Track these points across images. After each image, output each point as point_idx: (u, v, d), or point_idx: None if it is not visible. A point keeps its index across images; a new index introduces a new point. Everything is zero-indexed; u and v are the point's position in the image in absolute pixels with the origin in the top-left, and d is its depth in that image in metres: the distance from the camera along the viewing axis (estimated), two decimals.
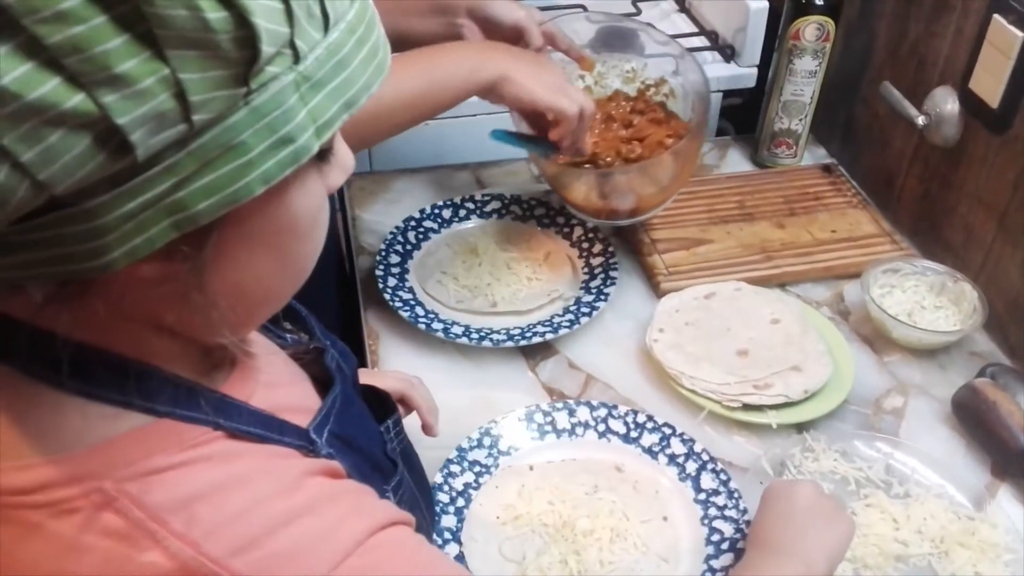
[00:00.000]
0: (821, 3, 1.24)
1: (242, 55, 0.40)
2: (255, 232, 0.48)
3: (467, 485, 0.92)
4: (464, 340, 1.07)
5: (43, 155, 0.38)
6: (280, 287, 0.53)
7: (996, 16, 1.04)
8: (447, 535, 0.87)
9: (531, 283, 1.17)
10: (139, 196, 0.41)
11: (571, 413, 0.99)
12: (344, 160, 0.53)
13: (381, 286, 1.13)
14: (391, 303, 1.11)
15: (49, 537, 0.46)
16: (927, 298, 1.12)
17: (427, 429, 0.92)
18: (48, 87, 0.37)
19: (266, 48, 0.41)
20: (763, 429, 1.00)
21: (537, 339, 1.07)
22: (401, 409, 0.90)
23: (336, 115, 0.46)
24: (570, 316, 1.11)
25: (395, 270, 1.17)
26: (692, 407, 1.01)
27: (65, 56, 0.36)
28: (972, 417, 0.99)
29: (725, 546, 0.87)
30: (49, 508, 0.46)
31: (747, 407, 1.00)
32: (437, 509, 0.89)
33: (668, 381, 1.03)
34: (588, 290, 1.15)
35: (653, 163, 1.09)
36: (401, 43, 1.13)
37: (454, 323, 1.10)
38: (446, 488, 0.91)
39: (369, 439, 0.67)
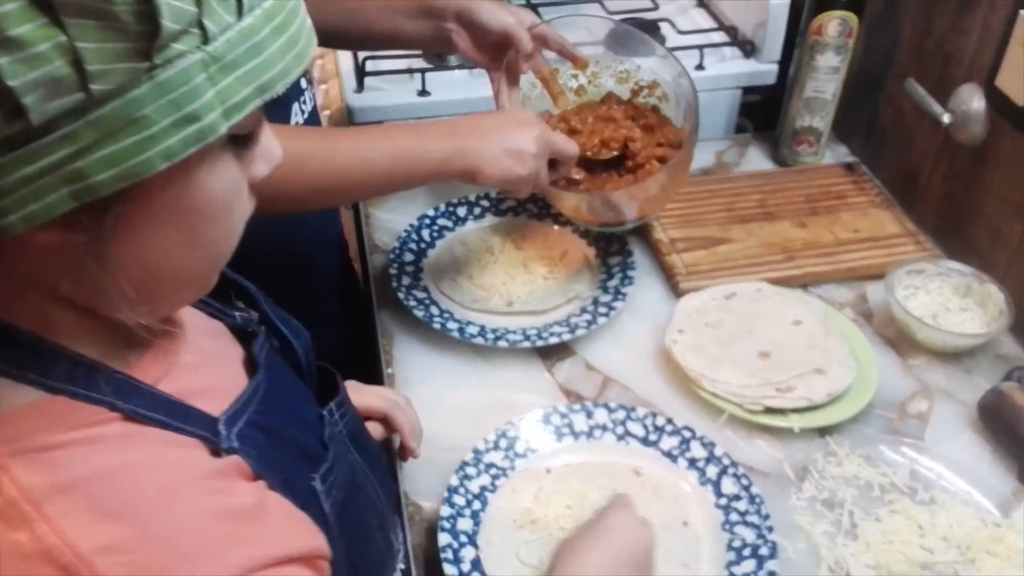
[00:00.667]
0: None
1: (143, 29, 0.41)
2: (161, 209, 0.48)
3: (483, 488, 0.91)
4: (480, 340, 1.05)
5: None
6: (193, 269, 0.53)
7: (1023, 13, 1.01)
8: (463, 538, 0.86)
9: (547, 282, 1.15)
10: (36, 162, 0.42)
11: (589, 415, 0.97)
12: (270, 152, 0.54)
13: (395, 285, 1.12)
14: (405, 302, 1.09)
15: None
16: (952, 300, 1.10)
17: (407, 452, 0.91)
18: None
19: (168, 24, 0.42)
20: (785, 433, 0.98)
21: (554, 339, 1.05)
22: (384, 429, 0.90)
23: (248, 98, 0.46)
24: (587, 316, 1.09)
25: (409, 268, 1.16)
26: (712, 410, 1.00)
27: None
28: (999, 422, 0.97)
29: (747, 552, 0.85)
30: None
31: (769, 410, 0.98)
32: (453, 511, 0.87)
33: (688, 383, 1.01)
34: (605, 290, 1.13)
35: (640, 186, 1.07)
36: (393, 42, 1.17)
37: (469, 323, 1.08)
38: (462, 491, 0.89)
39: (301, 425, 0.65)
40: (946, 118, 1.14)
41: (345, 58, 1.43)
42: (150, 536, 0.47)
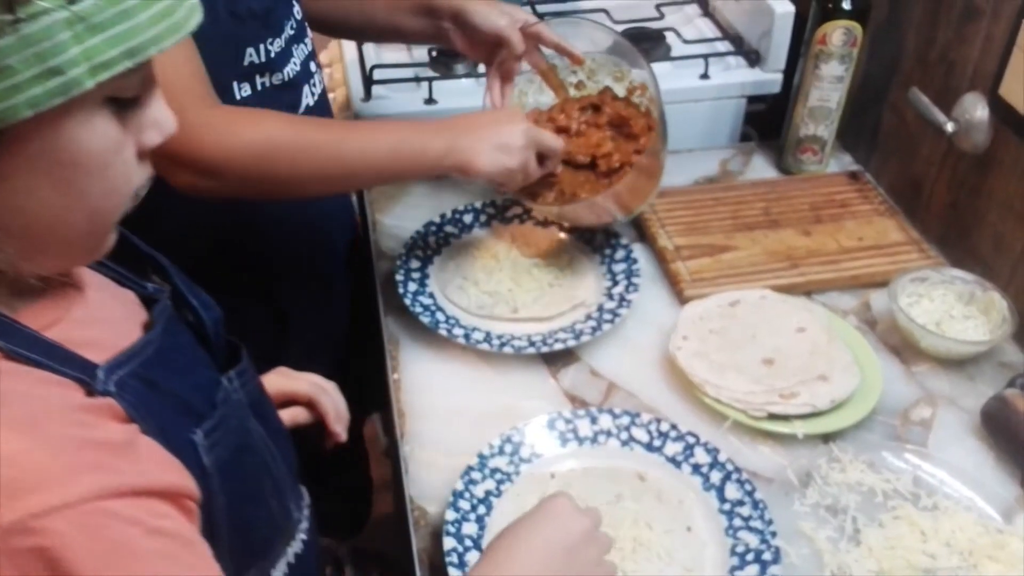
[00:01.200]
0: (848, 7, 1.22)
1: None
2: (34, 158, 0.51)
3: (488, 493, 0.91)
4: (485, 346, 1.06)
5: None
6: (73, 224, 0.56)
7: None
8: (468, 543, 0.86)
9: (553, 289, 1.16)
10: None
11: (593, 421, 0.98)
12: (161, 123, 0.58)
13: (401, 291, 1.13)
14: (411, 308, 1.10)
15: None
16: (956, 307, 1.11)
17: (332, 436, 0.93)
18: None
19: None
20: (789, 439, 0.98)
21: (559, 346, 1.06)
22: (310, 414, 0.92)
23: (116, 60, 0.50)
24: (592, 323, 1.10)
25: (415, 275, 1.17)
26: (716, 416, 1.00)
27: None
28: (1002, 428, 0.97)
29: (750, 557, 0.86)
30: None
31: (773, 416, 0.99)
32: (458, 516, 0.88)
33: (692, 389, 1.02)
34: (610, 297, 1.14)
35: (608, 192, 1.09)
36: (395, 36, 1.25)
37: (475, 329, 1.09)
38: (467, 495, 0.90)
39: (191, 385, 0.67)
40: (950, 127, 1.15)
41: (353, 67, 1.44)
42: (8, 455, 0.49)
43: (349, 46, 1.48)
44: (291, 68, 1.06)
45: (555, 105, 1.17)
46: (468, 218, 1.26)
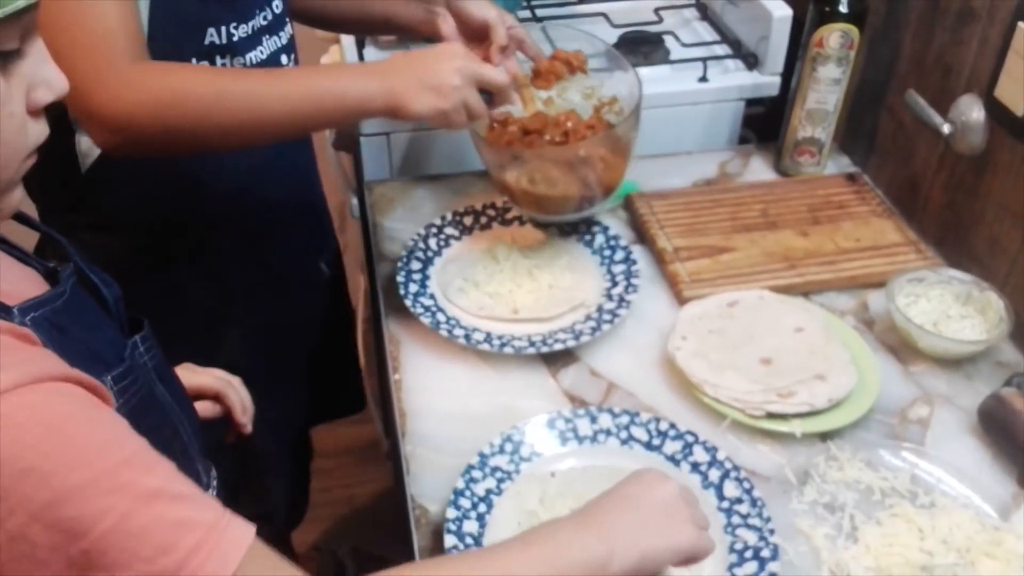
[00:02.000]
0: (845, 11, 1.23)
1: None
2: None
3: (489, 491, 0.92)
4: (486, 347, 1.07)
5: None
6: None
7: (1021, 24, 1.03)
8: (469, 540, 0.87)
9: (552, 290, 1.16)
10: None
11: (593, 420, 0.99)
12: (51, 79, 0.59)
13: (403, 292, 1.13)
14: (412, 309, 1.11)
15: None
16: (953, 307, 1.11)
17: (239, 428, 0.94)
18: None
19: None
20: (787, 438, 0.99)
21: (559, 346, 1.07)
22: (217, 408, 0.94)
23: None
24: (592, 323, 1.11)
25: (416, 276, 1.17)
26: (715, 415, 1.01)
27: None
28: (998, 427, 0.98)
29: (748, 554, 0.86)
30: None
31: (771, 415, 0.99)
32: (459, 514, 0.89)
33: (691, 389, 1.03)
34: (610, 297, 1.15)
35: (568, 148, 1.11)
36: (387, 25, 1.26)
37: (475, 330, 1.10)
38: (468, 494, 0.91)
39: (99, 339, 0.70)
40: (946, 128, 1.15)
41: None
42: None
43: (351, 50, 1.49)
44: (255, 55, 1.07)
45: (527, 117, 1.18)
46: (468, 220, 1.27)
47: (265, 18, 1.08)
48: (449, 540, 0.86)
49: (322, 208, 1.38)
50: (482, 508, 0.91)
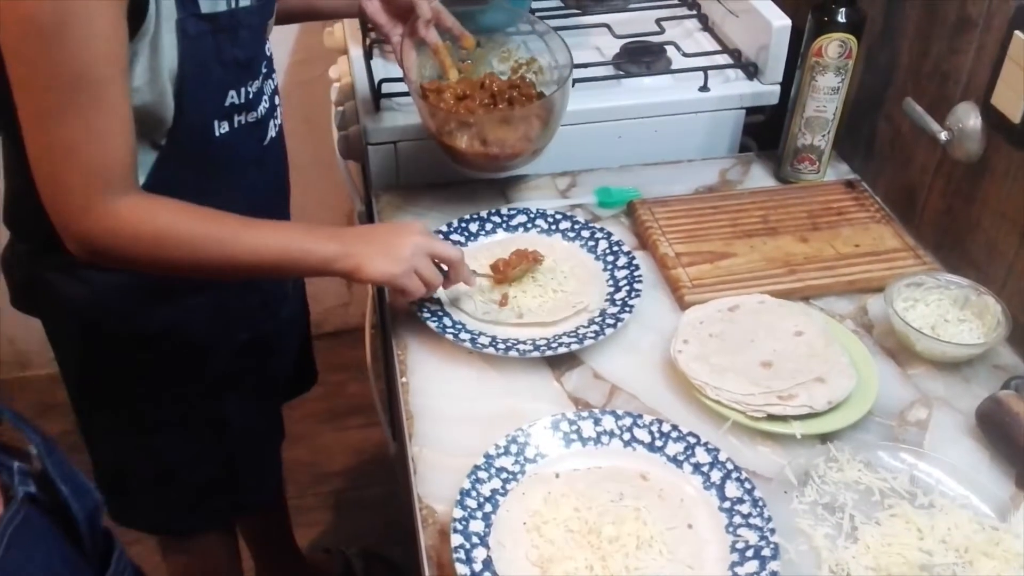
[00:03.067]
0: (843, 20, 1.25)
1: None
2: None
3: (494, 491, 0.94)
4: (491, 351, 1.08)
5: None
6: None
7: (1017, 33, 1.05)
8: (475, 539, 0.89)
9: (556, 295, 1.18)
10: None
11: (596, 422, 1.00)
12: None
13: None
14: (419, 314, 1.13)
15: None
16: (951, 312, 1.13)
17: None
18: None
19: None
20: (787, 439, 1.00)
21: (563, 350, 1.09)
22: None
23: None
24: (595, 327, 1.12)
25: None
26: (717, 417, 1.03)
27: None
28: (996, 429, 0.99)
29: (750, 553, 0.88)
30: None
31: (771, 417, 1.01)
32: (465, 514, 0.90)
33: (692, 391, 1.04)
34: (613, 302, 1.17)
35: (518, 112, 1.23)
36: (310, 13, 1.35)
37: (481, 334, 1.12)
38: (474, 494, 0.93)
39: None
40: (944, 136, 1.17)
41: (362, 81, 1.47)
42: None
43: (358, 61, 1.51)
44: (263, 107, 1.13)
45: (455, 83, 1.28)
46: (474, 227, 1.29)
47: (264, 66, 1.13)
48: (455, 539, 0.88)
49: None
50: (488, 508, 0.92)
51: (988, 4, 1.11)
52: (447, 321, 1.13)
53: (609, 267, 1.22)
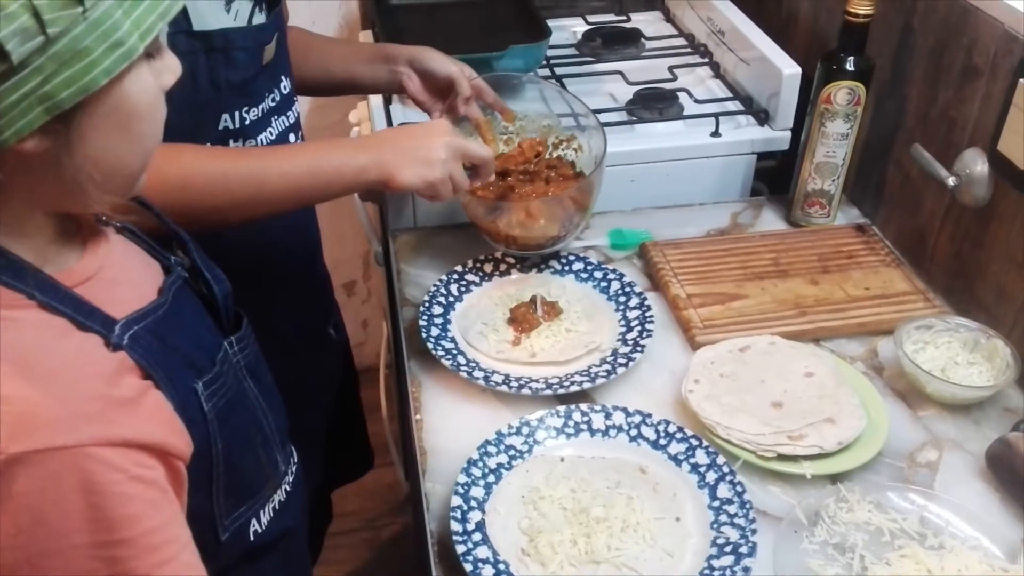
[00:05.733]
0: (852, 69, 1.28)
1: None
2: (105, 117, 0.65)
3: (500, 465, 1.00)
4: (504, 388, 1.10)
5: None
6: (133, 163, 0.71)
7: (1022, 81, 1.07)
8: (473, 503, 0.95)
9: (569, 335, 1.20)
10: (18, 90, 0.60)
11: (607, 416, 1.05)
12: (173, 66, 0.71)
13: (424, 335, 1.17)
14: (434, 352, 1.15)
15: None
16: (960, 354, 1.14)
17: None
18: None
19: None
20: (798, 479, 1.01)
21: (575, 388, 1.10)
22: None
23: (154, 23, 0.64)
24: (607, 366, 1.14)
25: (438, 320, 1.21)
26: (727, 457, 1.03)
27: None
28: (1006, 471, 1.00)
29: (728, 549, 0.91)
30: None
31: (782, 457, 1.02)
32: (468, 480, 0.97)
33: (703, 431, 1.05)
34: (625, 342, 1.18)
35: (547, 200, 1.24)
36: (351, 87, 1.33)
37: (494, 372, 1.14)
38: (480, 464, 0.99)
39: (194, 343, 0.79)
40: (951, 181, 1.19)
41: (381, 125, 1.51)
42: (31, 394, 0.61)
43: (378, 106, 1.55)
44: (265, 136, 1.13)
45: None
46: (488, 267, 1.31)
47: (274, 99, 1.13)
48: (455, 500, 0.94)
49: (326, 278, 1.44)
50: (491, 479, 0.98)
51: (993, 53, 1.14)
52: (461, 359, 1.15)
53: (621, 307, 1.24)
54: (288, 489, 0.93)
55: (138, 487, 0.64)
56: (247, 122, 1.09)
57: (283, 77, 1.16)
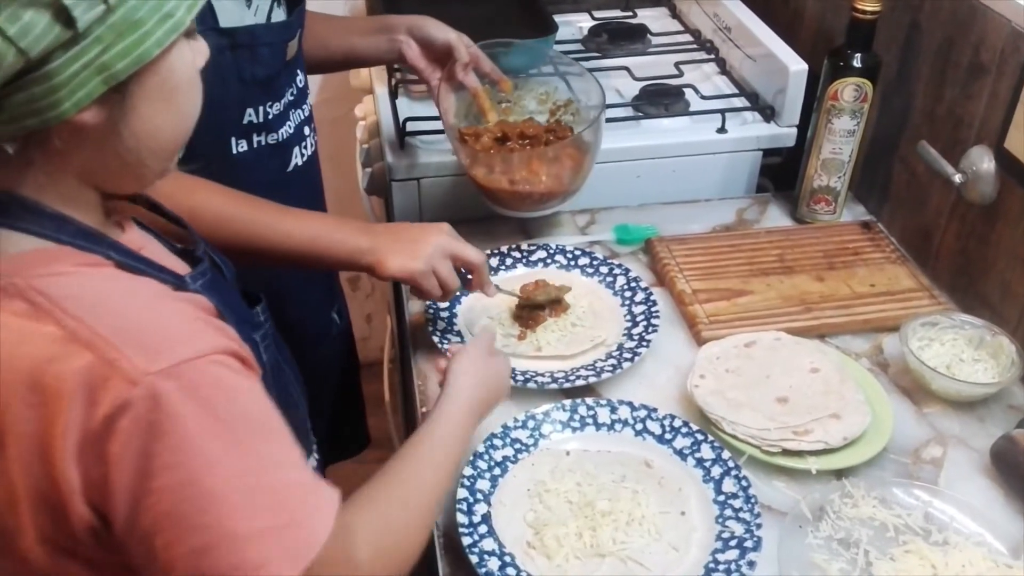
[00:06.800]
0: (859, 65, 1.28)
1: None
2: (154, 90, 0.67)
3: (506, 458, 1.01)
4: (509, 382, 1.10)
5: (22, 29, 0.59)
6: (177, 137, 0.73)
7: None
8: (478, 496, 0.95)
9: (575, 329, 1.20)
10: (80, 59, 0.61)
11: (613, 410, 1.06)
12: (203, 49, 0.73)
13: (430, 329, 1.18)
14: (440, 345, 1.15)
15: None
16: (965, 351, 1.14)
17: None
18: None
19: None
20: (803, 474, 1.01)
21: (580, 382, 1.10)
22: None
23: None
24: (612, 361, 1.14)
25: (444, 315, 1.22)
26: (732, 451, 1.03)
27: None
28: (1010, 467, 1.00)
29: (733, 543, 0.92)
30: None
31: (787, 452, 1.02)
32: (474, 473, 0.98)
33: (709, 426, 1.06)
34: (630, 337, 1.18)
35: (547, 150, 1.26)
36: (351, 60, 1.35)
37: None
38: (486, 457, 1.00)
39: (238, 304, 0.83)
40: (957, 178, 1.19)
41: (387, 119, 1.51)
42: (144, 324, 0.66)
43: (384, 100, 1.55)
44: (285, 130, 1.16)
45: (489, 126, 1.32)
46: (494, 261, 1.31)
47: (292, 93, 1.16)
48: (461, 492, 0.95)
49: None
50: (497, 472, 0.99)
51: (1000, 51, 1.14)
52: None
53: (627, 303, 1.24)
54: (317, 458, 0.98)
55: (255, 385, 0.70)
56: (270, 116, 1.12)
57: (299, 71, 1.18)
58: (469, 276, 1.12)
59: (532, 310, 1.21)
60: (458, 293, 1.18)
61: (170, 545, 0.63)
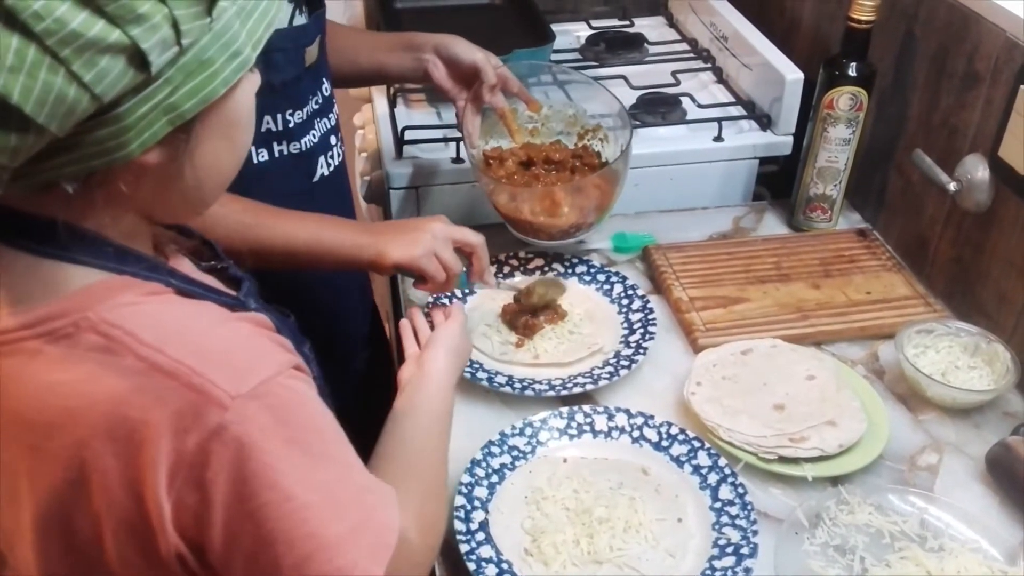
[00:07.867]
0: (854, 74, 1.29)
1: None
2: (217, 126, 0.67)
3: (503, 465, 1.01)
4: (507, 389, 1.11)
5: (97, 75, 0.57)
6: (231, 171, 0.74)
7: (1023, 87, 1.08)
8: (476, 503, 0.95)
9: (572, 337, 1.21)
10: (149, 101, 0.61)
11: (610, 418, 1.06)
12: (258, 78, 0.72)
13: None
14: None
15: (48, 358, 0.64)
16: (961, 359, 1.15)
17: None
18: (98, 27, 0.56)
19: None
20: (799, 481, 1.02)
21: (577, 390, 1.11)
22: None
23: (263, 33, 0.66)
24: (610, 368, 1.15)
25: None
26: (729, 459, 1.04)
27: (106, 4, 0.56)
28: (1006, 474, 1.00)
29: (730, 550, 0.92)
30: (46, 336, 0.64)
31: (783, 459, 1.02)
32: (472, 480, 0.98)
33: (705, 433, 1.06)
34: (627, 344, 1.19)
35: (571, 186, 1.25)
36: (378, 76, 1.35)
37: (498, 373, 1.14)
38: (483, 464, 1.00)
39: (280, 318, 0.83)
40: (952, 186, 1.20)
41: (385, 127, 1.52)
42: (220, 348, 0.66)
43: (382, 109, 1.56)
44: (309, 139, 1.15)
45: (516, 148, 1.31)
46: (492, 269, 1.31)
47: (317, 102, 1.15)
48: (458, 500, 0.95)
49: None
50: (494, 479, 0.99)
51: (995, 60, 1.15)
52: None
53: (624, 310, 1.25)
54: None
55: (316, 395, 0.71)
56: (291, 124, 1.12)
57: (324, 79, 1.17)
58: (468, 270, 1.12)
59: (529, 316, 1.21)
60: (460, 291, 1.18)
61: (277, 560, 0.64)
